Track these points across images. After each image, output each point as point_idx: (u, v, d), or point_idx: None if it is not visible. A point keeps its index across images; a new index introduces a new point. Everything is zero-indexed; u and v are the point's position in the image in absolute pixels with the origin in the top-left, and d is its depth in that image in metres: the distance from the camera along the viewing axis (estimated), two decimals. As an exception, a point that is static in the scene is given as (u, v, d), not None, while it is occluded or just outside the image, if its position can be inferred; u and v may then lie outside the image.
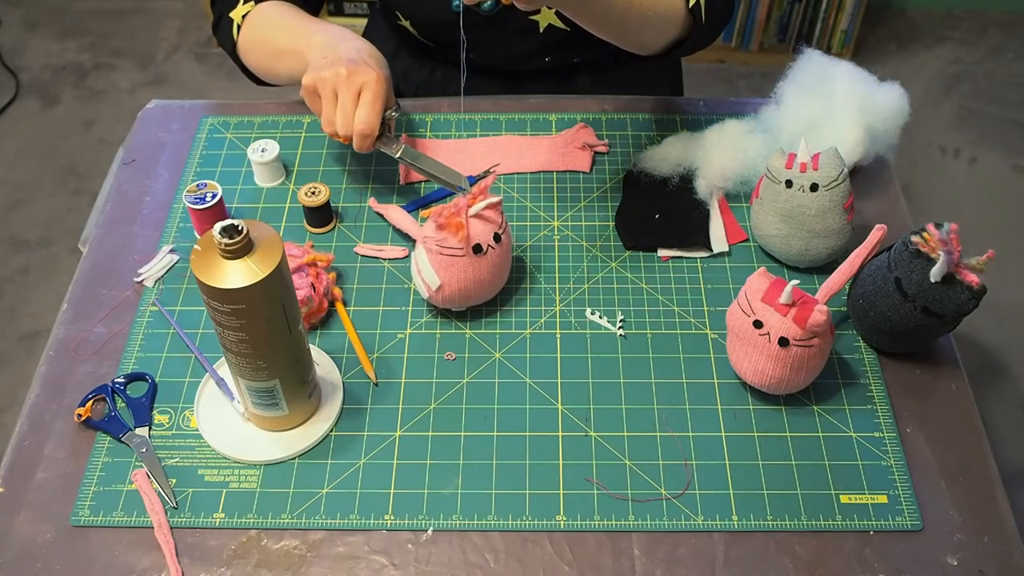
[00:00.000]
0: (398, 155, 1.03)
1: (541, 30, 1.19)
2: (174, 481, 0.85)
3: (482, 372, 0.92)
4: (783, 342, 0.83)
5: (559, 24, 1.18)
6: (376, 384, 0.91)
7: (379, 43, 1.14)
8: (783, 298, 0.83)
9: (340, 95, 0.98)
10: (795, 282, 0.82)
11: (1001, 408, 1.84)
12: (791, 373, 0.84)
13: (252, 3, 1.13)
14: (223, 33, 1.15)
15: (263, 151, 1.07)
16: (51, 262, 2.11)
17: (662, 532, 0.81)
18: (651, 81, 1.30)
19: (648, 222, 1.04)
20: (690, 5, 1.02)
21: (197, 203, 0.99)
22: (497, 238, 0.91)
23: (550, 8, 1.05)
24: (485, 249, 0.90)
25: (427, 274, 0.91)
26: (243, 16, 1.13)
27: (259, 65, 1.14)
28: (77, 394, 0.90)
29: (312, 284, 0.94)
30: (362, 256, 1.02)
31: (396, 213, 1.03)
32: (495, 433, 0.87)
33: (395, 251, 1.02)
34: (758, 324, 0.84)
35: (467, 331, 0.95)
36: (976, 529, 0.81)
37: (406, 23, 1.20)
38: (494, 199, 0.91)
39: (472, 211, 0.90)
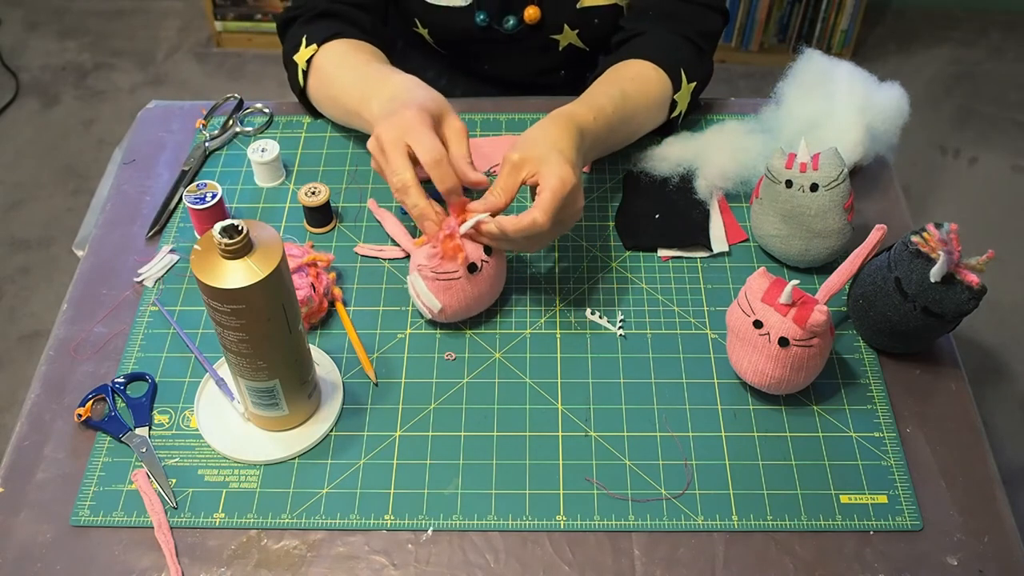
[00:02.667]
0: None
1: (560, 48, 1.19)
2: (174, 481, 0.85)
3: (482, 372, 0.92)
4: (783, 342, 0.83)
5: (579, 44, 1.18)
6: (376, 384, 0.91)
7: (385, 39, 1.14)
8: (783, 298, 0.83)
9: (388, 156, 0.89)
10: (795, 282, 0.82)
11: (1001, 408, 1.84)
12: (791, 373, 0.84)
13: (315, 46, 1.06)
14: (291, 76, 1.11)
15: (263, 151, 1.07)
16: (51, 262, 2.11)
17: (662, 532, 0.81)
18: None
19: (648, 222, 1.04)
20: (671, 115, 1.08)
21: (197, 203, 0.99)
22: (488, 250, 0.91)
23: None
24: (480, 266, 0.90)
25: (427, 299, 0.91)
26: (307, 61, 1.07)
27: (333, 118, 1.11)
28: (77, 394, 0.90)
29: (312, 284, 0.94)
30: (362, 256, 1.02)
31: (391, 223, 1.02)
32: (495, 433, 0.87)
33: (395, 251, 1.02)
34: (758, 324, 0.84)
35: (467, 331, 0.95)
36: (976, 529, 0.81)
37: (423, 31, 1.20)
38: (481, 216, 0.89)
39: (463, 230, 0.89)
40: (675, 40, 1.08)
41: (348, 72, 1.04)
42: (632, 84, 1.03)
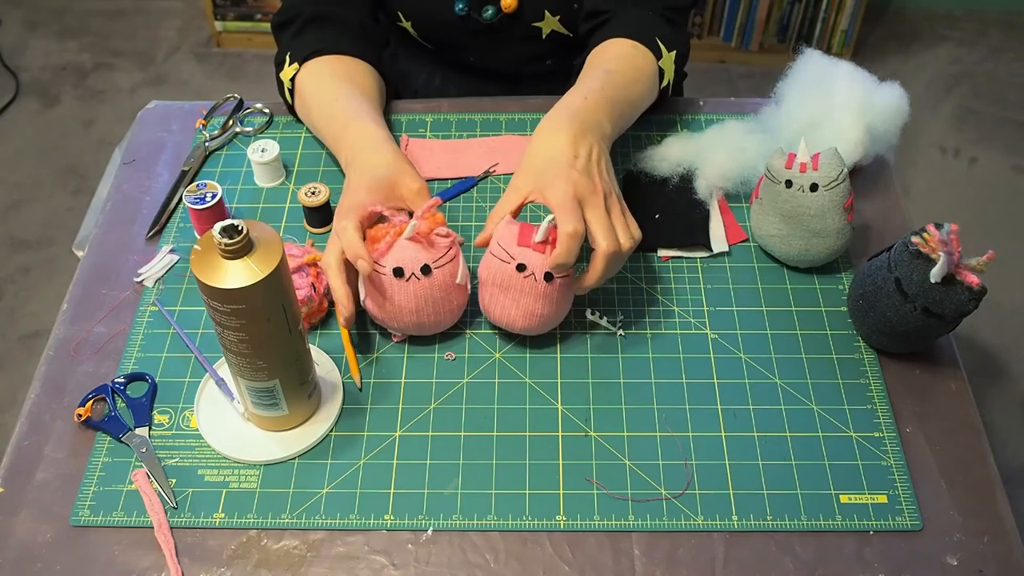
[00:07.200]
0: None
1: (544, 36, 1.19)
2: (174, 481, 0.85)
3: (482, 372, 0.92)
4: (548, 277, 0.86)
5: (562, 30, 1.18)
6: (360, 388, 0.91)
7: (378, 39, 1.14)
8: (538, 236, 0.85)
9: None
10: (550, 217, 0.85)
11: (1001, 408, 1.84)
12: (556, 307, 0.88)
13: (296, 65, 1.07)
14: (280, 90, 1.12)
15: (263, 151, 1.07)
16: (51, 262, 2.11)
17: (662, 532, 0.81)
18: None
19: (648, 222, 1.04)
20: (662, 86, 1.07)
21: (197, 203, 0.99)
22: (426, 270, 0.86)
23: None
24: (408, 276, 0.86)
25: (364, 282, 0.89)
26: (291, 80, 1.08)
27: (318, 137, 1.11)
28: (77, 394, 0.90)
29: (312, 284, 0.94)
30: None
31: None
32: (495, 433, 0.87)
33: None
34: (521, 267, 0.86)
35: (467, 331, 0.95)
36: (976, 529, 0.81)
37: (407, 24, 1.20)
38: (436, 230, 0.87)
39: (406, 234, 0.86)
40: (645, 16, 1.07)
41: (323, 104, 1.04)
42: (615, 62, 1.03)
